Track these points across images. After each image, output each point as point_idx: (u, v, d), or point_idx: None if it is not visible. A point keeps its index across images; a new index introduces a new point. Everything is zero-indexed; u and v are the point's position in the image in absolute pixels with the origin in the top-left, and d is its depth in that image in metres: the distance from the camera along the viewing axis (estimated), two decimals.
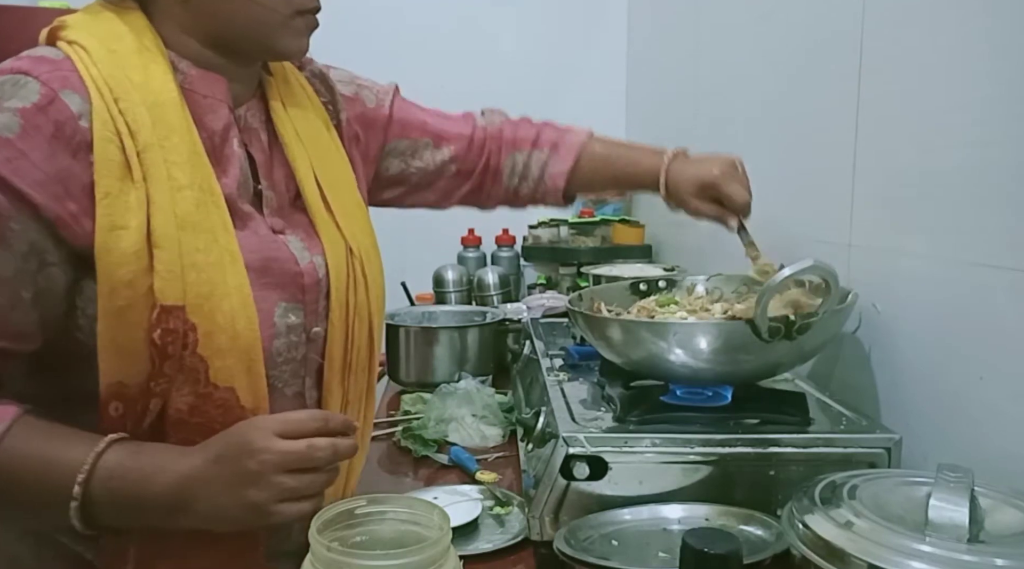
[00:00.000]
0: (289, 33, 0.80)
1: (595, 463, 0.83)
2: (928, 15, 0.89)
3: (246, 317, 0.75)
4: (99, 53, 0.73)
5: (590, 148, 1.11)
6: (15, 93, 0.68)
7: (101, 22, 0.76)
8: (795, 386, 1.02)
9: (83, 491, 0.68)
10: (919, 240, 0.91)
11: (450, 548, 0.61)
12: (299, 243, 0.84)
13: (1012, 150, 0.76)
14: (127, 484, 0.69)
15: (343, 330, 0.86)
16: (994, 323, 0.79)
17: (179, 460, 0.70)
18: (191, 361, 0.72)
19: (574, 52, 2.49)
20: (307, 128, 0.89)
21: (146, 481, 0.69)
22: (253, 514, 0.68)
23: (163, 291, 0.70)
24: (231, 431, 0.71)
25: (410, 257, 1.83)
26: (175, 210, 0.72)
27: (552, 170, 1.10)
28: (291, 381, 0.83)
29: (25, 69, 0.70)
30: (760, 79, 1.40)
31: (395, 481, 1.17)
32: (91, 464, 0.68)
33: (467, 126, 1.10)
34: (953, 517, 0.61)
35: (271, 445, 0.68)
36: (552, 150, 1.11)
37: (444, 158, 1.09)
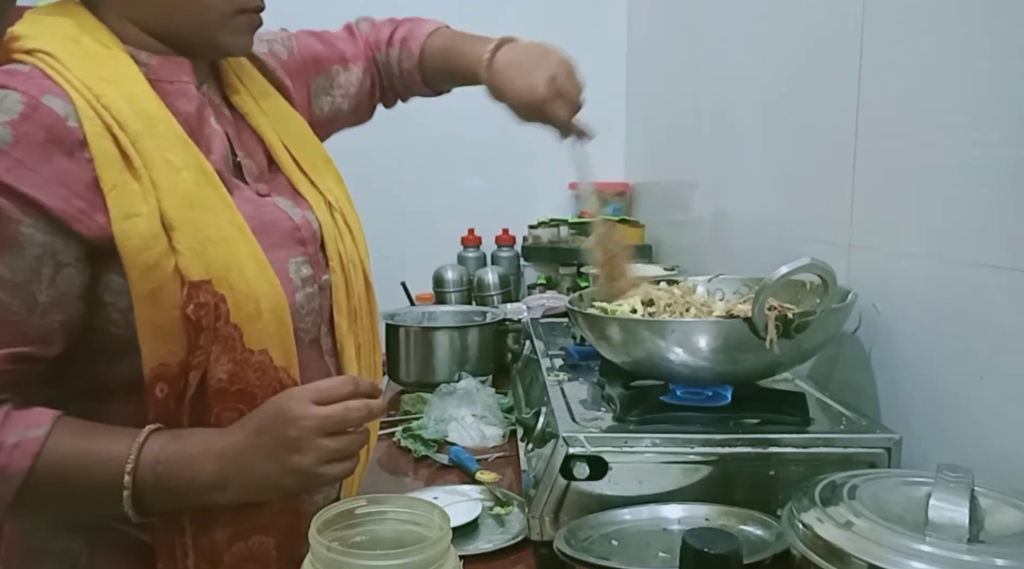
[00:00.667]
0: (230, 31, 0.82)
1: (595, 463, 0.83)
2: (928, 15, 0.89)
3: (267, 280, 0.78)
4: (64, 56, 0.74)
5: (432, 41, 1.11)
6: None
7: (53, 27, 0.77)
8: (795, 386, 1.02)
9: (132, 480, 0.71)
10: (919, 240, 0.91)
11: (450, 548, 0.61)
12: (287, 201, 0.88)
13: (1012, 150, 0.76)
14: (173, 468, 0.72)
15: (343, 277, 0.91)
16: (994, 323, 0.79)
17: (220, 439, 0.74)
18: (225, 330, 0.75)
19: (574, 52, 2.48)
20: (264, 97, 0.93)
21: (191, 462, 0.72)
22: (299, 478, 0.73)
23: (188, 268, 0.73)
24: (267, 405, 0.74)
25: (410, 257, 1.84)
26: (179, 191, 0.74)
27: (406, 64, 1.11)
28: (310, 330, 0.86)
29: (1, 83, 0.70)
30: (760, 79, 1.40)
31: (395, 481, 1.17)
32: (136, 454, 0.71)
33: (357, 39, 1.12)
34: (953, 517, 0.61)
35: (309, 411, 0.72)
36: (402, 45, 1.12)
37: (359, 76, 1.10)
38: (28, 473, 0.69)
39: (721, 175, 1.63)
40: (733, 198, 1.57)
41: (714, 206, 1.70)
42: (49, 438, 0.70)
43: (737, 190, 1.53)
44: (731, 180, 1.56)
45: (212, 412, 0.76)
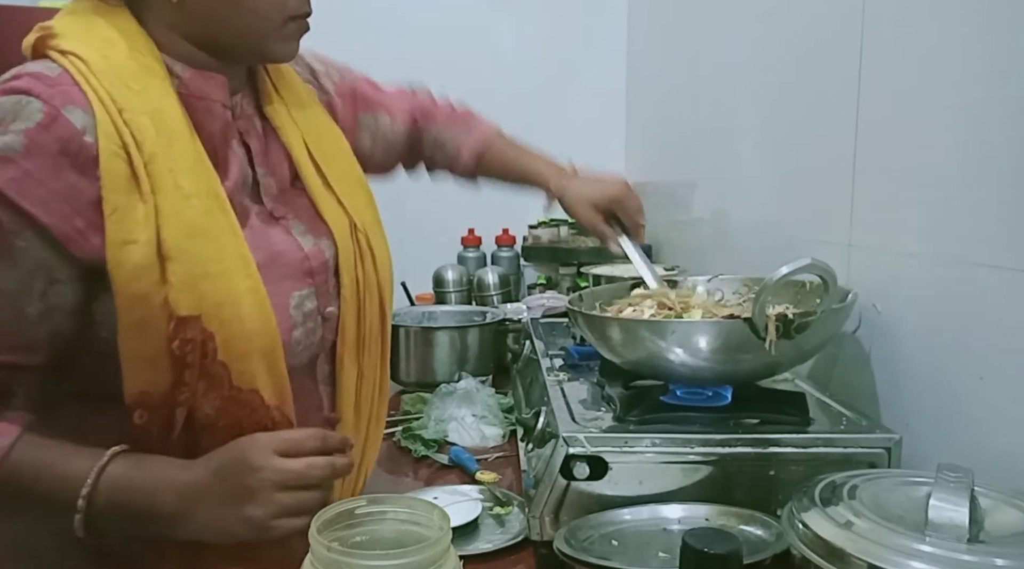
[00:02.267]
0: (280, 38, 0.81)
1: (595, 463, 0.83)
2: (928, 15, 0.89)
3: (262, 319, 0.75)
4: (96, 63, 0.72)
5: (497, 141, 1.17)
6: (18, 113, 0.68)
7: (91, 28, 0.75)
8: (795, 386, 1.02)
9: (87, 503, 0.69)
10: (919, 240, 0.91)
11: (450, 548, 0.61)
12: (301, 226, 0.86)
13: (1012, 150, 0.76)
14: (130, 495, 0.70)
15: (355, 305, 0.88)
16: (994, 323, 0.79)
17: (181, 473, 0.72)
18: (213, 368, 0.73)
19: (574, 52, 2.49)
20: (300, 109, 0.90)
21: (148, 492, 0.71)
22: (251, 529, 0.70)
23: (178, 302, 0.71)
24: (232, 446, 0.72)
25: (410, 257, 1.83)
26: (184, 220, 0.72)
27: (464, 148, 1.15)
28: (306, 366, 0.85)
29: (25, 88, 0.69)
30: (760, 79, 1.40)
31: (395, 481, 1.17)
32: (95, 477, 0.70)
33: (409, 100, 1.16)
34: (953, 517, 0.61)
35: (269, 463, 0.70)
36: (466, 131, 1.16)
37: (401, 131, 1.13)
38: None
39: (721, 175, 1.63)
40: (733, 198, 1.57)
41: (714, 206, 1.70)
42: (12, 449, 0.69)
43: (737, 190, 1.53)
44: (731, 180, 1.56)
45: (200, 445, 0.75)
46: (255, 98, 0.88)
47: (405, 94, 1.16)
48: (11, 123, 0.67)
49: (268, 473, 0.69)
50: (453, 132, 1.16)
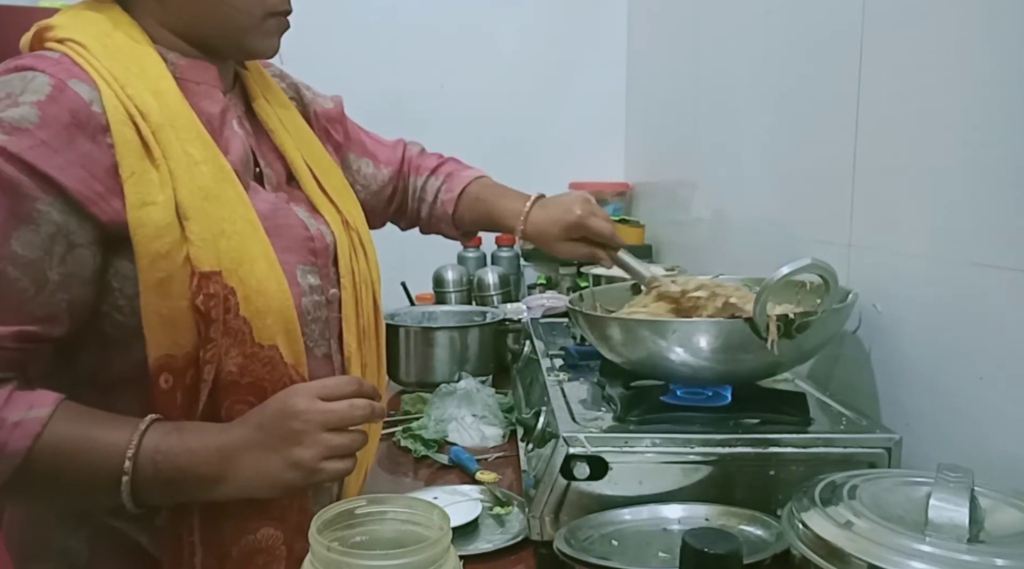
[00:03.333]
0: (260, 34, 0.83)
1: (595, 463, 0.83)
2: (928, 15, 0.89)
3: (276, 279, 0.78)
4: (95, 47, 0.75)
5: (473, 186, 1.15)
6: (25, 87, 0.70)
7: (88, 20, 0.78)
8: (795, 386, 1.02)
9: (132, 467, 0.71)
10: (919, 240, 0.91)
11: (450, 548, 0.61)
12: (304, 212, 0.89)
13: (1012, 150, 0.76)
14: (172, 458, 0.72)
15: (353, 295, 0.91)
16: (994, 323, 0.79)
17: (221, 434, 0.74)
18: (235, 323, 0.75)
19: (574, 52, 2.49)
20: (288, 118, 0.93)
21: (191, 454, 0.72)
22: (300, 472, 0.73)
23: (199, 258, 0.73)
24: (271, 400, 0.75)
25: (410, 257, 1.83)
26: (197, 183, 0.75)
27: (443, 197, 1.15)
28: (320, 342, 0.86)
29: (29, 65, 0.72)
30: (760, 79, 1.40)
31: (395, 481, 1.17)
32: (137, 442, 0.71)
33: (398, 151, 1.17)
34: (953, 517, 0.61)
35: (314, 406, 0.73)
36: (446, 179, 1.16)
37: (383, 179, 1.15)
38: (27, 453, 0.69)
39: (721, 175, 1.63)
40: (733, 198, 1.57)
41: (714, 206, 1.70)
42: (51, 420, 0.70)
43: (737, 190, 1.53)
44: (731, 180, 1.56)
45: (223, 405, 0.76)
46: (244, 100, 0.90)
47: (394, 145, 1.18)
48: (20, 96, 0.69)
49: (313, 414, 0.72)
50: (435, 180, 1.17)
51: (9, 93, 0.69)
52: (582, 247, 1.07)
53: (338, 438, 0.74)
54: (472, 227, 1.17)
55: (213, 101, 0.82)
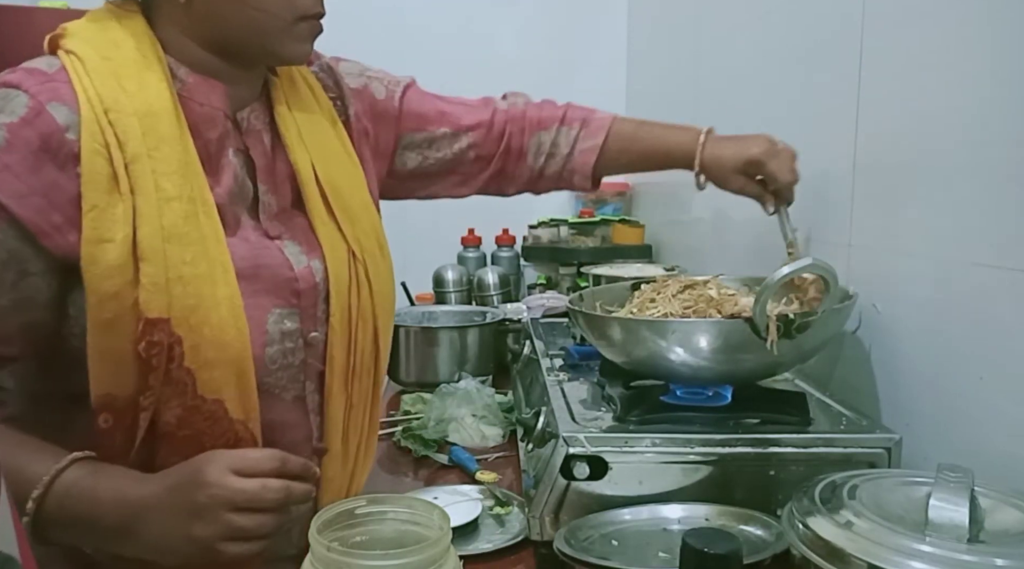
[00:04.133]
0: (291, 39, 0.80)
1: (595, 463, 0.83)
2: (928, 15, 0.89)
3: (236, 328, 0.74)
4: (93, 63, 0.73)
5: (618, 126, 1.10)
6: (3, 107, 0.68)
7: (101, 30, 0.76)
8: (795, 386, 1.02)
9: (36, 507, 0.68)
10: (919, 240, 0.91)
11: (450, 548, 0.61)
12: (296, 247, 0.84)
13: (1012, 150, 0.76)
14: (80, 503, 0.69)
15: (345, 334, 0.86)
16: (994, 323, 0.79)
17: (136, 486, 0.70)
18: (178, 374, 0.72)
19: (574, 52, 2.49)
20: (311, 129, 0.88)
21: (98, 503, 0.69)
22: (197, 548, 0.67)
23: (148, 304, 0.70)
24: (190, 461, 0.70)
25: (410, 257, 1.83)
26: (162, 222, 0.71)
27: (583, 146, 1.08)
28: (289, 386, 0.82)
29: (15, 82, 0.70)
30: (760, 79, 1.40)
31: (395, 481, 1.17)
32: (49, 480, 0.68)
33: (486, 111, 1.08)
34: (953, 517, 0.61)
35: (223, 480, 0.67)
36: (582, 126, 1.09)
37: (463, 146, 1.06)
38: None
39: None
40: (733, 198, 1.56)
41: (714, 206, 1.70)
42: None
43: None
44: None
45: (158, 454, 0.74)
46: (267, 112, 0.86)
47: (482, 105, 1.09)
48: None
49: (219, 490, 0.66)
50: (569, 131, 1.08)
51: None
52: (753, 185, 1.03)
53: (243, 520, 0.67)
54: (621, 169, 1.11)
55: (213, 125, 0.79)
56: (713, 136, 1.06)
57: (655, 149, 1.08)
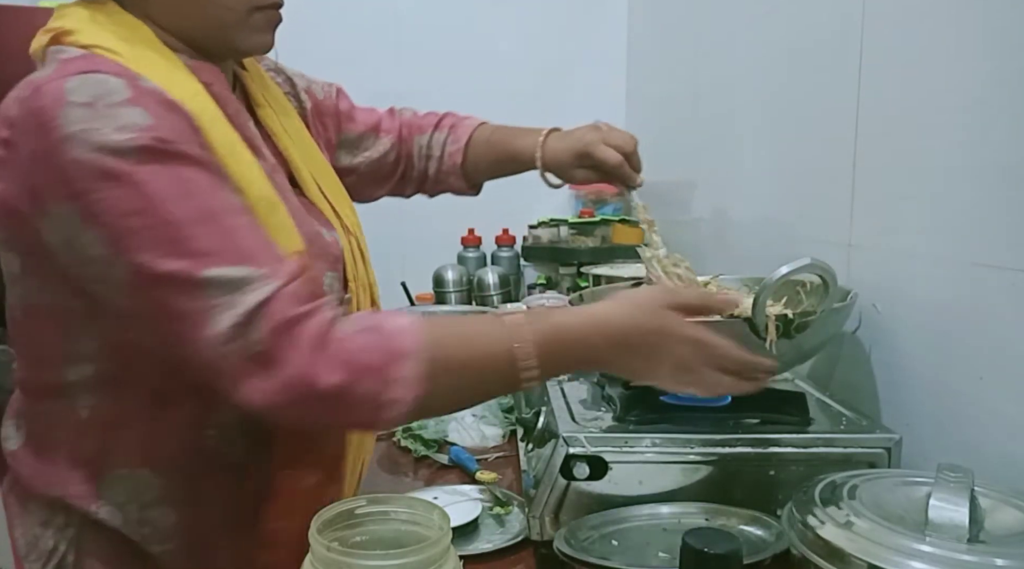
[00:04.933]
0: (248, 30, 0.80)
1: (595, 463, 0.83)
2: (928, 16, 0.89)
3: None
4: (124, 52, 0.72)
5: (479, 131, 1.15)
6: (104, 92, 0.66)
7: (98, 22, 0.75)
8: (795, 386, 1.02)
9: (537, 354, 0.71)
10: (919, 240, 0.91)
11: (450, 548, 0.61)
12: (313, 219, 0.88)
13: (1012, 150, 0.76)
14: (565, 346, 0.73)
15: (355, 300, 0.91)
16: (994, 323, 0.79)
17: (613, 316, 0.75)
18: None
19: (574, 52, 2.49)
20: (287, 120, 0.92)
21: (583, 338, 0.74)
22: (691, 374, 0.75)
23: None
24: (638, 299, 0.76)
25: (410, 257, 1.83)
26: (256, 190, 0.74)
27: (450, 149, 1.15)
28: None
29: (91, 67, 0.68)
30: (760, 79, 1.40)
31: (395, 481, 1.16)
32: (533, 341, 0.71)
33: (393, 118, 1.16)
34: (953, 517, 0.61)
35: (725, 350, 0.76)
36: (450, 130, 1.16)
37: (385, 148, 1.13)
38: (422, 344, 0.68)
39: (721, 174, 1.63)
40: (733, 198, 1.57)
41: (714, 206, 1.70)
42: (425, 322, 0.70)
43: (737, 190, 1.53)
44: (731, 179, 1.56)
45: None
46: (246, 103, 0.88)
47: (388, 113, 1.17)
48: (109, 97, 0.66)
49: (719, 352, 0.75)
50: (440, 134, 1.16)
51: (95, 96, 0.65)
52: (595, 174, 1.07)
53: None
54: (485, 172, 1.16)
55: (227, 102, 0.80)
56: (553, 135, 1.10)
57: (505, 153, 1.13)
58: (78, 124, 0.64)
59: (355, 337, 0.68)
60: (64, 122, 0.64)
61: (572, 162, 1.07)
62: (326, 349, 0.66)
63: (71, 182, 0.64)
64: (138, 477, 0.78)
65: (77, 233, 0.66)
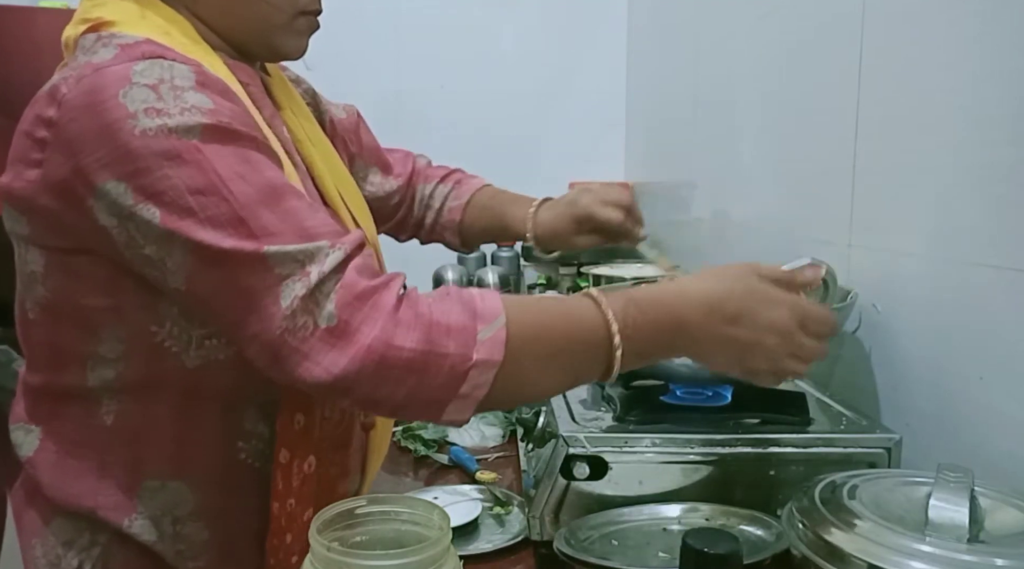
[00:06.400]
0: (291, 33, 0.81)
1: (595, 463, 0.83)
2: (928, 15, 0.89)
3: None
4: (173, 45, 0.72)
5: (480, 193, 1.15)
6: (172, 75, 0.66)
7: (141, 16, 0.74)
8: (795, 386, 1.02)
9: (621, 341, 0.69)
10: (919, 240, 0.91)
11: (450, 548, 0.61)
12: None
13: (1012, 150, 0.76)
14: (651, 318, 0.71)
15: None
16: (994, 323, 0.79)
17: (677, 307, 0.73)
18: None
19: (574, 52, 2.49)
20: (310, 127, 0.91)
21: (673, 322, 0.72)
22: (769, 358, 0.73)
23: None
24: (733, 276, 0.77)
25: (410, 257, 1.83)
26: (293, 181, 0.73)
27: (451, 204, 1.15)
28: None
29: (158, 53, 0.68)
30: (760, 79, 1.40)
31: (395, 481, 1.17)
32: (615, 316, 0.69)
33: (408, 164, 1.17)
34: (953, 517, 0.61)
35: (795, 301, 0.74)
36: (455, 185, 1.17)
37: (391, 188, 1.14)
38: (503, 307, 0.66)
39: (721, 175, 1.63)
40: (733, 198, 1.57)
41: (714, 206, 1.70)
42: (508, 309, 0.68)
43: (737, 189, 1.53)
44: (731, 180, 1.56)
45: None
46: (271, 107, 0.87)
47: (404, 157, 1.17)
48: (173, 81, 0.66)
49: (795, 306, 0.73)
50: (443, 188, 1.16)
51: (161, 78, 0.66)
52: (599, 237, 1.06)
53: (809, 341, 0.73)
54: (480, 236, 1.16)
55: (263, 104, 0.80)
56: (544, 206, 1.08)
57: (497, 222, 1.12)
58: (143, 103, 0.64)
59: (432, 304, 0.66)
60: (128, 101, 0.64)
61: (571, 229, 1.05)
62: (403, 315, 0.65)
63: (134, 159, 0.64)
64: (171, 489, 0.76)
65: (134, 212, 0.65)
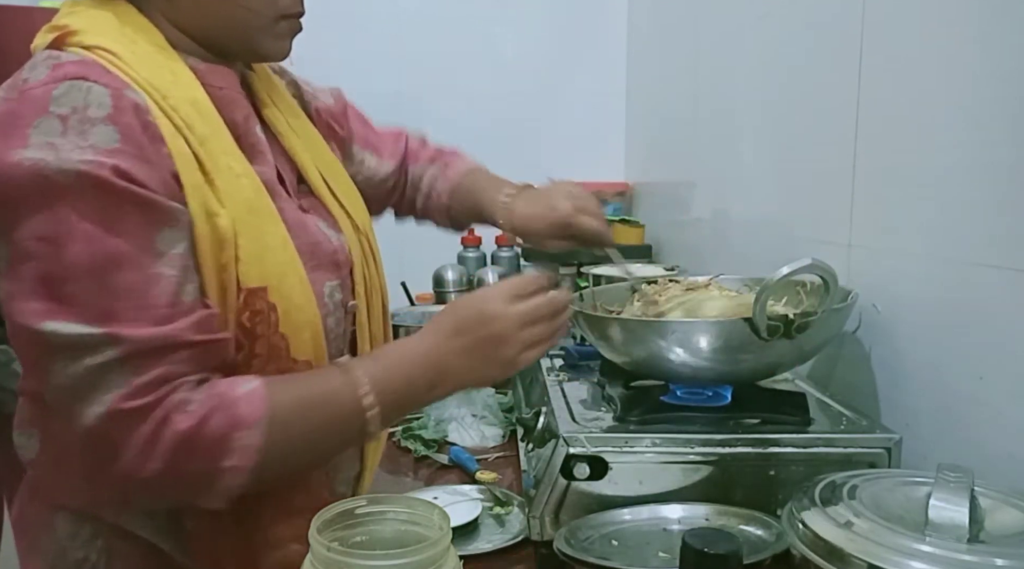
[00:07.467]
0: (272, 36, 0.81)
1: (595, 463, 0.83)
2: (928, 15, 0.89)
3: (307, 297, 0.78)
4: (126, 55, 0.72)
5: (467, 177, 1.13)
6: (88, 100, 0.66)
7: (107, 23, 0.74)
8: (795, 386, 1.02)
9: (373, 402, 0.73)
10: (919, 240, 0.91)
11: (450, 548, 0.61)
12: (323, 222, 0.88)
13: (1012, 150, 0.76)
14: (391, 380, 0.76)
15: (365, 302, 0.91)
16: (994, 323, 0.79)
17: (417, 345, 0.79)
18: (275, 339, 0.76)
19: (574, 53, 2.49)
20: (294, 119, 0.92)
21: (407, 368, 0.77)
22: (503, 367, 0.79)
23: (247, 274, 0.73)
24: (457, 305, 0.80)
25: (410, 257, 1.83)
26: (242, 197, 0.74)
27: (439, 187, 1.14)
28: (336, 354, 0.86)
29: (80, 74, 0.68)
30: (760, 79, 1.40)
31: (395, 481, 1.17)
32: (364, 381, 0.74)
33: (401, 144, 1.16)
34: (953, 517, 0.61)
35: (509, 309, 0.78)
36: (443, 168, 1.15)
37: (386, 171, 1.13)
38: (266, 415, 0.68)
39: (721, 175, 1.63)
40: (733, 198, 1.57)
41: (714, 206, 1.70)
42: (267, 388, 0.70)
43: (737, 190, 1.53)
44: (731, 180, 1.56)
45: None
46: (253, 104, 0.87)
47: (396, 137, 1.16)
48: (87, 110, 0.66)
49: (512, 316, 0.78)
50: (433, 170, 1.15)
51: (74, 107, 0.66)
52: (571, 242, 1.04)
53: (536, 330, 0.80)
54: (465, 220, 1.16)
55: (238, 107, 0.80)
56: (523, 198, 1.06)
57: (476, 207, 1.11)
58: (46, 137, 0.65)
59: (196, 411, 0.67)
60: (34, 132, 0.65)
61: (547, 233, 1.04)
62: (159, 440, 0.66)
63: (8, 188, 0.64)
64: None
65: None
